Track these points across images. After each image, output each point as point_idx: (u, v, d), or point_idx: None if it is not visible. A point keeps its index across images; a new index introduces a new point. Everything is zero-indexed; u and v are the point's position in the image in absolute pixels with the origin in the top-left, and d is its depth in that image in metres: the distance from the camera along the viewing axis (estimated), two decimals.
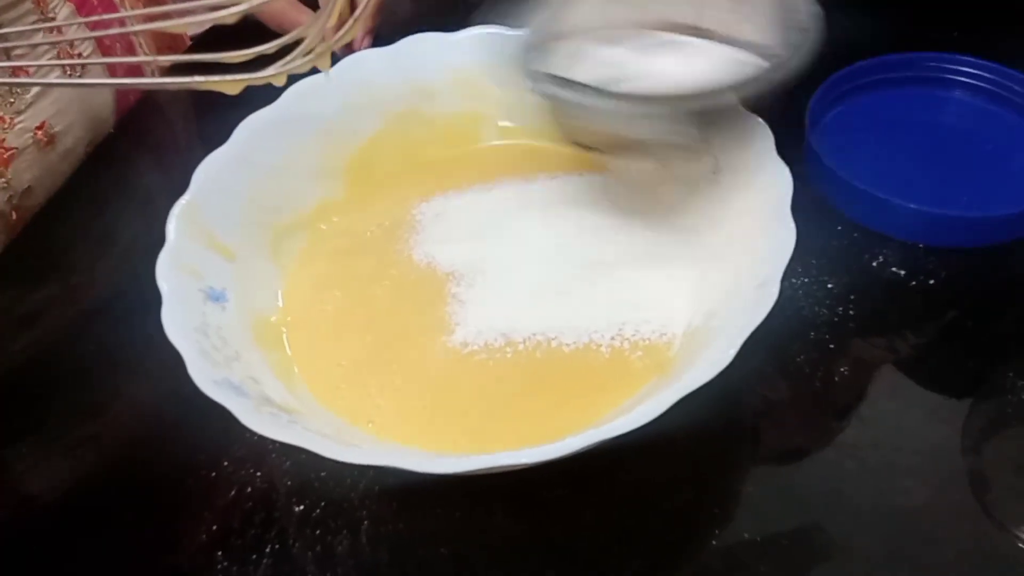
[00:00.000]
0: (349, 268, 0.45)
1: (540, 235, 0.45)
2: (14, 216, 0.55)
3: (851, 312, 0.45)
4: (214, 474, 0.40)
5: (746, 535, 0.38)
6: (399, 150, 0.48)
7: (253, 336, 0.40)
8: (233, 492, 0.40)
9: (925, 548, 0.37)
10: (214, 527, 0.39)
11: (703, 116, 0.39)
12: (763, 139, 0.39)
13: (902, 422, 0.42)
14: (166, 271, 0.38)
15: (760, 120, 0.39)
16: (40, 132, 0.55)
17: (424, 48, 0.46)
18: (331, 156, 0.46)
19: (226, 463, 0.41)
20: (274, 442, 0.33)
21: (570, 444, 0.31)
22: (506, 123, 0.48)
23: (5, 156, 0.53)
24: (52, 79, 0.56)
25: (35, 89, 0.55)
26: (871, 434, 0.41)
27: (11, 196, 0.54)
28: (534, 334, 0.41)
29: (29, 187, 0.55)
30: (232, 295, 0.40)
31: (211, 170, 0.41)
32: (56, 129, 0.56)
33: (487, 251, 0.45)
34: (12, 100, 0.53)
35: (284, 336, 0.41)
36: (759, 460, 0.41)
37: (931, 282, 0.46)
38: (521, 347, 0.41)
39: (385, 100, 0.45)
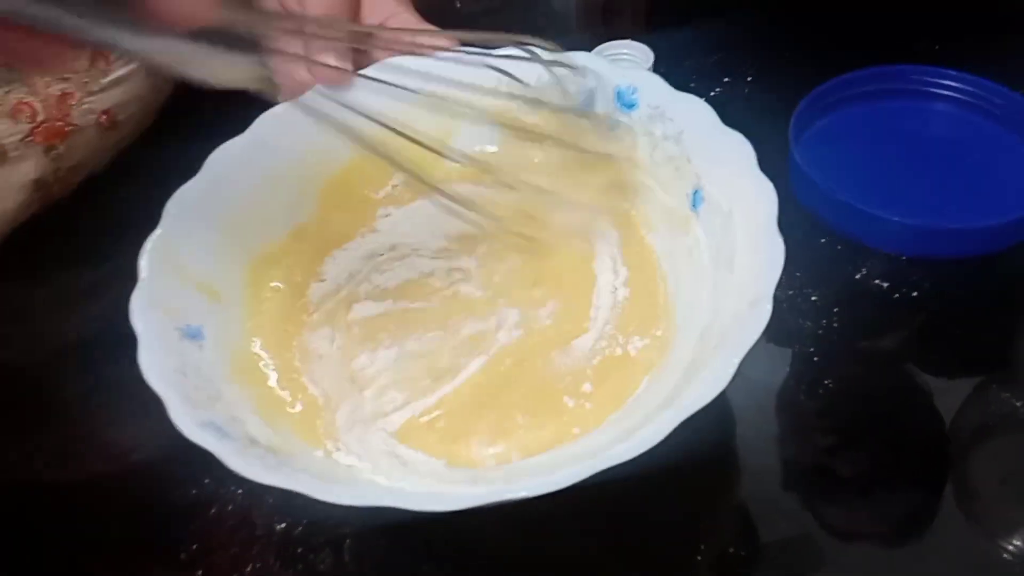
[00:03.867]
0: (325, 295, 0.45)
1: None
2: (55, 188, 0.55)
3: (835, 324, 0.45)
4: (195, 491, 0.40)
5: (732, 549, 0.37)
6: (375, 174, 0.47)
7: (232, 373, 0.38)
8: (214, 510, 0.40)
9: (910, 559, 0.37)
10: (194, 546, 0.39)
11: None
12: (745, 155, 0.38)
13: (887, 433, 0.42)
14: (140, 310, 0.37)
15: (740, 136, 0.39)
16: (105, 117, 0.55)
17: (394, 69, 0.45)
18: (306, 184, 0.45)
19: (207, 480, 0.40)
20: None
21: (569, 476, 0.30)
22: (485, 146, 0.48)
23: (66, 130, 0.53)
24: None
25: (117, 73, 0.55)
26: (855, 445, 0.41)
27: (58, 169, 0.54)
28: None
29: (76, 164, 0.55)
30: (209, 332, 0.39)
31: (183, 202, 0.40)
32: (120, 117, 0.56)
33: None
34: (87, 80, 0.54)
35: (264, 370, 0.40)
36: (745, 473, 0.40)
37: (914, 294, 0.46)
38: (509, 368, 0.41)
39: (359, 124, 0.45)
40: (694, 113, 0.41)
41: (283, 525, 0.39)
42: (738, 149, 0.39)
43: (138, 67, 0.56)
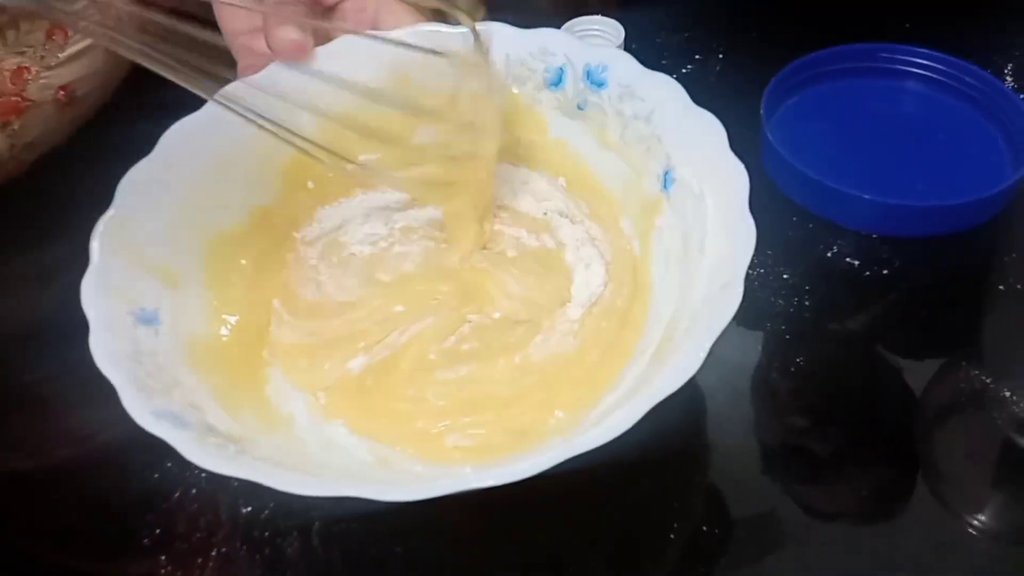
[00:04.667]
0: (284, 279, 0.44)
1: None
2: (10, 166, 0.53)
3: (807, 302, 0.45)
4: (157, 475, 0.39)
5: (704, 527, 0.37)
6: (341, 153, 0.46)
7: (190, 360, 0.37)
8: (177, 494, 0.39)
9: (878, 535, 0.37)
10: (157, 531, 0.38)
11: None
12: (716, 135, 0.38)
13: (856, 411, 0.42)
14: (92, 294, 0.35)
15: (711, 116, 0.38)
16: (63, 92, 0.53)
17: (360, 47, 0.44)
18: (265, 163, 0.44)
19: (169, 464, 0.39)
20: None
21: (536, 464, 0.29)
22: None
23: (22, 106, 0.52)
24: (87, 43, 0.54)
25: (74, 47, 0.53)
26: (826, 423, 0.41)
27: (12, 146, 0.52)
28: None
29: (32, 141, 0.54)
30: (165, 316, 0.38)
31: (136, 183, 0.39)
32: (78, 93, 0.54)
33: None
34: (43, 55, 0.52)
35: (222, 357, 0.39)
36: (716, 452, 0.40)
37: (885, 272, 0.46)
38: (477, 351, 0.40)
39: (320, 102, 0.43)
40: (665, 92, 0.40)
41: (249, 509, 0.38)
42: (709, 129, 0.38)
43: (94, 41, 0.54)
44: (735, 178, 0.36)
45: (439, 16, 0.44)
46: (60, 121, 0.55)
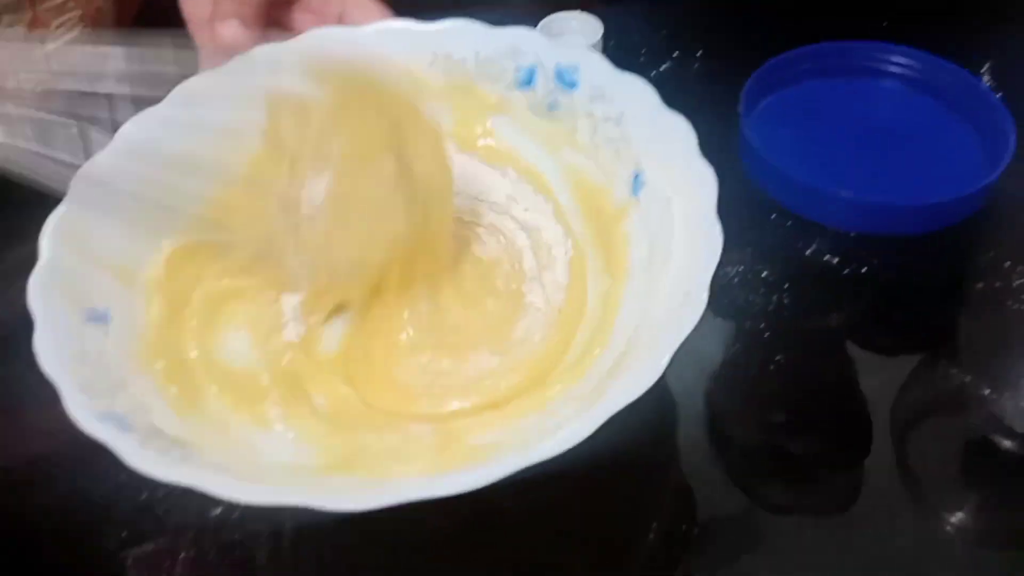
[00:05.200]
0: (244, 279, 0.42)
1: None
2: None
3: (785, 300, 0.45)
4: (122, 476, 0.38)
5: (684, 525, 0.37)
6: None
7: (139, 359, 0.36)
8: (144, 495, 0.38)
9: (859, 534, 0.37)
10: (123, 533, 0.37)
11: None
12: (686, 139, 0.37)
13: (834, 409, 0.42)
14: (39, 292, 0.34)
15: (682, 119, 0.38)
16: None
17: (328, 41, 0.43)
18: (228, 158, 0.43)
19: None
20: None
21: (489, 474, 0.29)
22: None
23: None
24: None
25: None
26: (803, 422, 0.41)
27: None
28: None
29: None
30: (116, 315, 0.37)
31: (92, 176, 0.38)
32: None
33: None
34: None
35: (173, 359, 0.38)
36: (695, 450, 0.40)
37: (863, 270, 0.46)
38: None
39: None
40: (636, 94, 0.40)
41: (219, 510, 0.37)
42: (680, 133, 0.38)
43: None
44: (704, 183, 0.36)
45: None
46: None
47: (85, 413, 0.31)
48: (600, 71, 0.41)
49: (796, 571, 0.36)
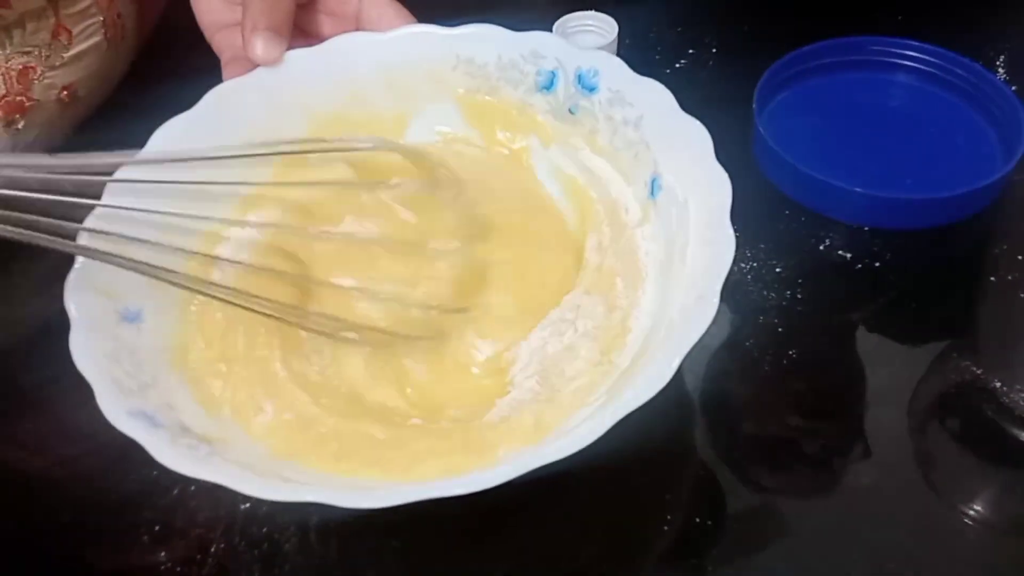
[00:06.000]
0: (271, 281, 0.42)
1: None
2: None
3: (799, 295, 0.45)
4: (155, 472, 0.39)
5: (697, 519, 0.38)
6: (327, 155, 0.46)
7: (170, 358, 0.37)
8: (176, 491, 0.39)
9: (874, 527, 0.37)
10: (156, 528, 0.38)
11: None
12: (702, 143, 0.37)
13: (849, 403, 0.42)
14: (75, 293, 0.35)
15: (698, 123, 0.38)
16: (66, 92, 0.53)
17: (354, 47, 0.44)
18: (258, 163, 0.42)
19: None
20: None
21: (506, 472, 0.30)
22: (443, 127, 0.47)
23: (26, 105, 0.52)
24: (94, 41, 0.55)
25: (79, 47, 0.53)
26: (819, 416, 0.42)
27: (15, 145, 0.52)
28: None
29: (33, 141, 0.54)
30: (148, 314, 0.37)
31: (125, 181, 0.38)
32: (80, 93, 0.55)
33: None
34: (48, 55, 0.52)
35: (201, 357, 0.39)
36: (709, 444, 0.41)
37: (877, 264, 0.46)
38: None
39: (312, 102, 0.43)
40: (654, 98, 0.40)
41: (247, 505, 0.38)
42: (696, 137, 0.38)
43: (100, 40, 0.54)
44: (718, 187, 0.36)
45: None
46: (62, 120, 0.55)
47: (117, 411, 0.32)
48: (619, 75, 0.41)
49: (812, 562, 0.37)
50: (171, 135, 0.41)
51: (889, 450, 0.40)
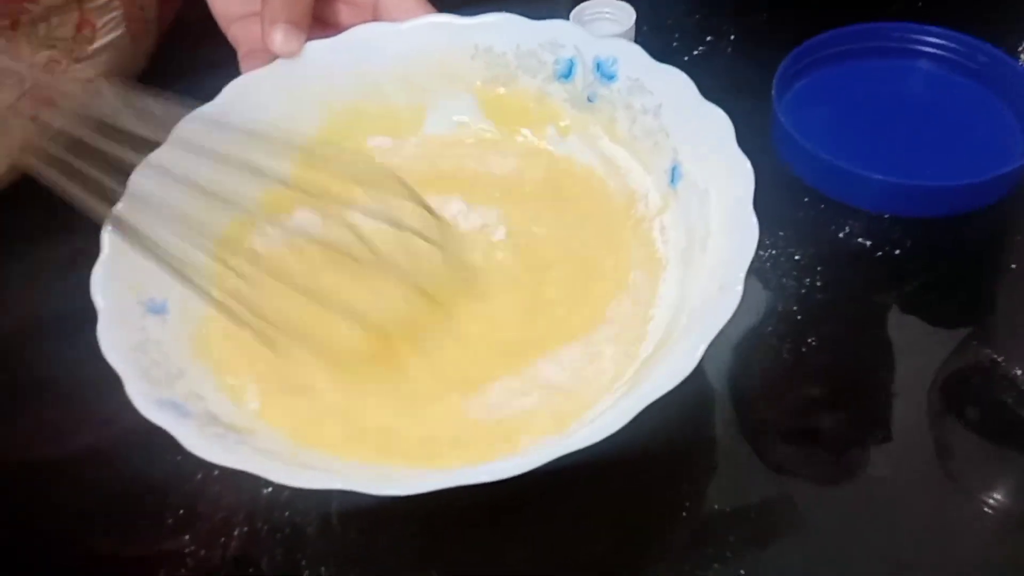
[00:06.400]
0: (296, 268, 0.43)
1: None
2: None
3: (818, 283, 0.45)
4: (179, 457, 0.40)
5: (716, 506, 0.38)
6: (353, 136, 0.46)
7: (196, 348, 0.38)
8: (199, 476, 0.40)
9: (892, 516, 0.38)
10: (180, 512, 0.39)
11: None
12: (723, 131, 0.37)
13: (868, 390, 0.42)
14: (102, 284, 0.36)
15: (719, 111, 0.38)
16: (91, 84, 0.54)
17: (372, 38, 0.44)
18: (275, 154, 0.44)
19: None
20: None
21: (527, 462, 0.30)
22: (461, 117, 0.47)
23: (51, 98, 0.53)
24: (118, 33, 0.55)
25: (102, 40, 0.54)
26: (837, 404, 0.42)
27: (40, 137, 0.53)
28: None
29: (59, 131, 0.54)
30: (173, 305, 0.38)
31: (149, 174, 0.39)
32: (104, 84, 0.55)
33: None
34: (73, 48, 0.52)
35: (225, 346, 0.39)
36: (726, 433, 0.41)
37: (897, 252, 0.46)
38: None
39: (330, 94, 0.44)
40: (674, 86, 0.40)
41: (269, 490, 0.39)
42: (717, 124, 0.38)
43: (122, 33, 0.55)
44: (740, 175, 0.36)
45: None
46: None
47: (146, 401, 0.33)
48: (638, 63, 0.41)
49: (830, 551, 0.37)
50: (197, 124, 0.41)
51: (908, 439, 0.40)
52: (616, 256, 0.42)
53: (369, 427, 0.37)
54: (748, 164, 0.36)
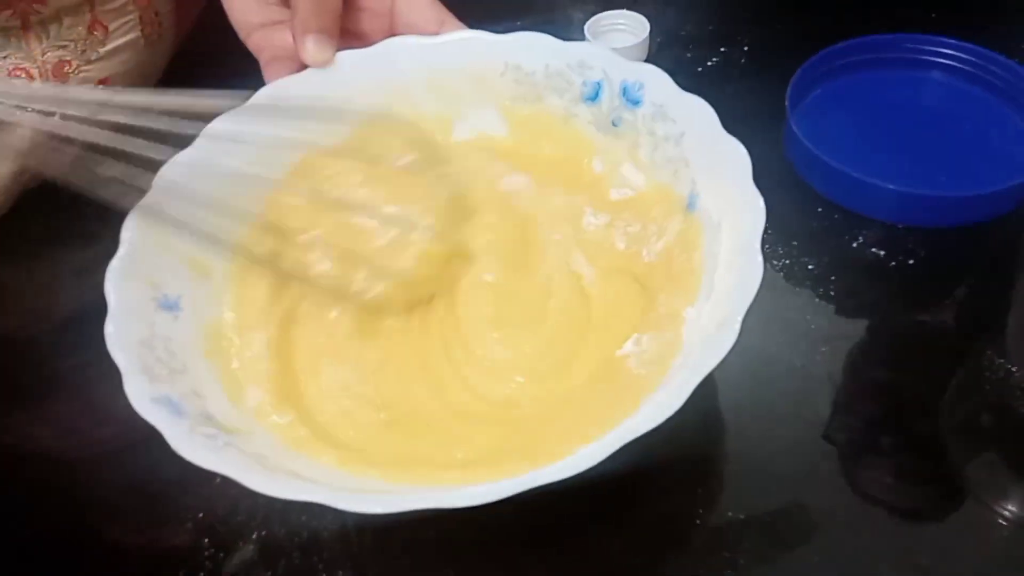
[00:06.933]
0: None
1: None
2: None
3: (831, 293, 0.45)
4: None
5: (729, 513, 0.38)
6: (368, 157, 0.46)
7: (204, 346, 0.38)
8: (218, 479, 0.40)
9: (903, 522, 0.38)
10: (200, 514, 0.40)
11: None
12: (740, 165, 0.37)
13: (881, 399, 0.42)
14: (116, 280, 0.36)
15: (738, 143, 0.37)
16: (102, 87, 0.54)
17: (402, 50, 0.44)
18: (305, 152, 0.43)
19: None
20: None
21: (523, 482, 0.30)
22: (486, 132, 0.46)
23: None
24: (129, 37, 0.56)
25: (115, 43, 0.54)
26: (850, 412, 0.42)
27: (54, 138, 0.53)
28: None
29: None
30: (186, 303, 0.38)
31: (175, 171, 0.39)
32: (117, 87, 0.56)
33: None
34: (84, 49, 0.53)
35: (235, 345, 0.40)
36: (740, 441, 0.41)
37: (910, 262, 0.46)
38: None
39: (359, 104, 0.44)
40: (697, 115, 0.40)
41: None
42: (735, 158, 0.37)
43: (136, 36, 0.55)
44: (752, 212, 0.35)
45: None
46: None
47: (141, 396, 0.33)
48: (664, 89, 0.41)
49: (843, 557, 0.37)
50: (224, 126, 0.41)
51: (922, 449, 0.40)
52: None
53: (367, 437, 0.37)
54: (761, 202, 0.36)
